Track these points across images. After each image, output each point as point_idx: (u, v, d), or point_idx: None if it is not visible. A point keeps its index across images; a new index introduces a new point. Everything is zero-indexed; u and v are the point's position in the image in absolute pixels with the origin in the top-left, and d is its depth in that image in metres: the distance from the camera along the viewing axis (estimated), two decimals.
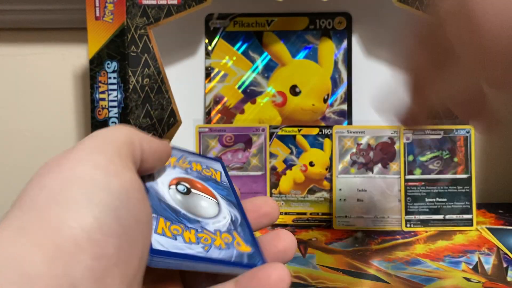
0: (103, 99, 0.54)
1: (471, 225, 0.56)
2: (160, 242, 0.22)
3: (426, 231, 0.56)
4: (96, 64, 0.54)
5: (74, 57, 0.67)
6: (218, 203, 0.27)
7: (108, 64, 0.54)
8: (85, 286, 0.17)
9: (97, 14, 0.54)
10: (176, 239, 0.23)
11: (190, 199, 0.26)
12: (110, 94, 0.54)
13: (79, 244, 0.17)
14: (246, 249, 0.24)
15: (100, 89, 0.54)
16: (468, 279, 0.44)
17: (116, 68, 0.54)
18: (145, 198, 0.21)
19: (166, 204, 0.25)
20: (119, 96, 0.54)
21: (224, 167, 0.32)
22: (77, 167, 0.19)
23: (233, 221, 0.26)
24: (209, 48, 0.62)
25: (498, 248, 0.51)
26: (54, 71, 0.68)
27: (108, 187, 0.19)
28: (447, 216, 0.56)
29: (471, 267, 0.47)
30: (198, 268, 0.23)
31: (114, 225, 0.18)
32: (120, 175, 0.20)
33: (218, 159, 0.32)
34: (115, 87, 0.54)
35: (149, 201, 0.22)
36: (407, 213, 0.56)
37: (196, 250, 0.23)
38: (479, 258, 0.48)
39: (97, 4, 0.53)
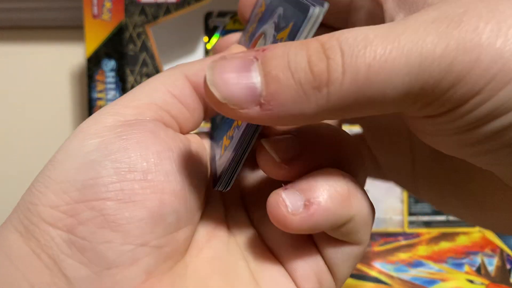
0: (101, 98, 0.54)
1: (474, 226, 0.55)
2: None
3: (429, 233, 0.55)
4: (93, 63, 0.53)
5: (71, 55, 0.66)
6: None
7: (106, 63, 0.54)
8: None
9: (95, 12, 0.53)
10: None
11: None
12: (108, 93, 0.54)
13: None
14: None
15: (98, 88, 0.54)
16: (471, 281, 0.44)
17: (114, 67, 0.54)
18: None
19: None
20: (117, 95, 0.54)
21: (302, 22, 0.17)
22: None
23: None
24: (208, 46, 0.61)
25: (502, 250, 0.50)
26: (51, 69, 0.67)
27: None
28: (450, 217, 0.55)
29: (474, 268, 0.46)
30: None
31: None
32: None
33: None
34: (113, 86, 0.54)
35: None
36: (409, 214, 0.56)
37: None
38: (482, 260, 0.48)
39: (94, 2, 0.53)
